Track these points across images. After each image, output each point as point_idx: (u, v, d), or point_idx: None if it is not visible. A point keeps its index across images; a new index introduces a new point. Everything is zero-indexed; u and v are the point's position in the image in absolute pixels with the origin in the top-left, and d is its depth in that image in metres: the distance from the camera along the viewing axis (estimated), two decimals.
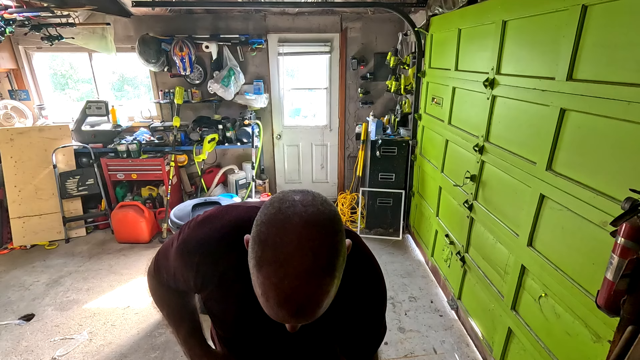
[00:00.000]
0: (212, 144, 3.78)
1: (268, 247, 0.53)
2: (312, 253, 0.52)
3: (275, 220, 0.54)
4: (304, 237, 0.52)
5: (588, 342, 1.34)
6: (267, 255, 0.53)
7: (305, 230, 0.53)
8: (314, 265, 0.52)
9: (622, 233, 0.97)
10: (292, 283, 0.51)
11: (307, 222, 0.53)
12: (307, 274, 0.51)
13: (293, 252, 0.51)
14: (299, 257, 0.51)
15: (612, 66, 1.23)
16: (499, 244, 1.95)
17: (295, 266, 0.51)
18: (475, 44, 2.21)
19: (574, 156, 1.41)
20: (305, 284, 0.52)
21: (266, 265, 0.52)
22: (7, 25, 2.87)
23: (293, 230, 0.53)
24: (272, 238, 0.53)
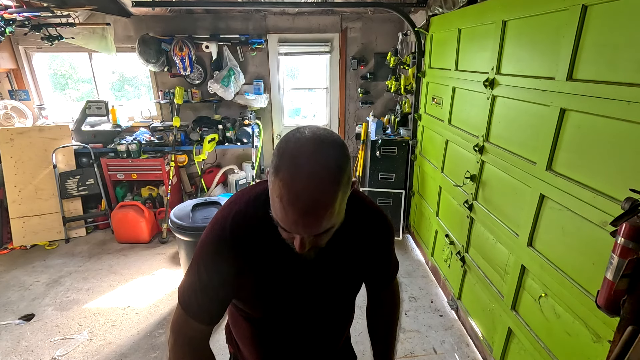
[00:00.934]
0: (212, 144, 3.78)
1: (284, 156, 0.63)
2: (321, 163, 0.62)
3: (292, 137, 0.66)
4: (315, 149, 0.63)
5: (588, 342, 1.34)
6: (283, 162, 0.63)
7: (316, 144, 0.64)
8: (322, 172, 0.62)
9: (622, 233, 0.97)
10: (302, 183, 0.61)
11: (319, 137, 0.65)
12: (315, 178, 0.61)
13: (304, 160, 0.62)
14: (309, 164, 0.62)
15: (612, 66, 1.23)
16: (499, 244, 1.95)
17: (305, 170, 0.61)
18: (475, 44, 2.21)
19: (574, 156, 1.41)
20: (313, 187, 0.61)
21: (282, 170, 0.62)
22: (7, 25, 2.87)
23: (306, 144, 0.64)
24: (289, 149, 0.64)
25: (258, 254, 0.80)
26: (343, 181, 0.64)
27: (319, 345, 0.98)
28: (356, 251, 0.88)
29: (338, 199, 0.64)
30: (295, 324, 0.92)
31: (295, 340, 0.94)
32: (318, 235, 0.69)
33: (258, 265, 0.81)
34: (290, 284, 0.85)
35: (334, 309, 0.95)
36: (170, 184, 3.73)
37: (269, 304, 0.87)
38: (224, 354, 1.79)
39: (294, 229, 0.66)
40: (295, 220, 0.64)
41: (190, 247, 2.40)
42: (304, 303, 0.88)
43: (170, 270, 3.13)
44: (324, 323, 0.95)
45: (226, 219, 0.80)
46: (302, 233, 0.67)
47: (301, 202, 0.61)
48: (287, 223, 0.65)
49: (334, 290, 0.90)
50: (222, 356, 2.33)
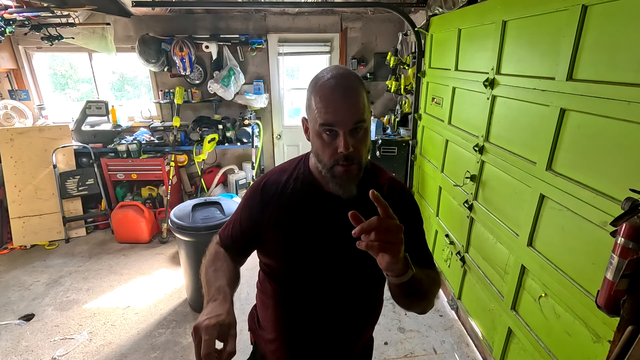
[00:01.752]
0: (212, 144, 3.78)
1: (318, 77, 0.85)
2: (343, 72, 0.84)
3: (320, 70, 0.87)
4: (339, 68, 0.85)
5: (588, 342, 1.34)
6: (319, 78, 0.84)
7: (340, 67, 0.86)
8: (347, 74, 0.84)
9: (622, 233, 0.97)
10: (336, 79, 0.82)
11: (339, 66, 0.88)
12: (344, 76, 0.83)
13: (332, 70, 0.84)
14: (339, 70, 0.84)
15: (612, 66, 1.23)
16: (499, 244, 1.95)
17: (335, 74, 0.83)
18: (475, 44, 2.21)
19: (574, 156, 1.41)
20: (345, 78, 0.82)
21: (320, 80, 0.83)
22: (7, 25, 2.87)
23: (329, 68, 0.86)
24: (319, 74, 0.86)
25: (287, 206, 0.93)
26: (363, 86, 0.84)
27: (338, 328, 0.96)
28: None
29: (363, 93, 0.83)
30: (316, 289, 0.94)
31: (315, 310, 0.95)
32: (356, 135, 0.82)
33: (286, 217, 0.92)
34: (315, 240, 0.91)
35: (356, 284, 0.95)
36: (170, 184, 3.73)
37: (292, 255, 0.93)
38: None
39: (340, 117, 0.79)
40: (338, 106, 0.79)
41: (190, 247, 2.40)
42: (326, 264, 0.92)
43: (170, 270, 3.13)
44: (350, 295, 0.95)
45: (263, 177, 1.00)
46: (347, 120, 0.80)
47: (340, 87, 0.80)
48: (332, 112, 0.79)
49: (356, 258, 0.87)
50: None
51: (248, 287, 2.78)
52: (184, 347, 2.29)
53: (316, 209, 0.92)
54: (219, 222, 2.36)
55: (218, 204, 2.56)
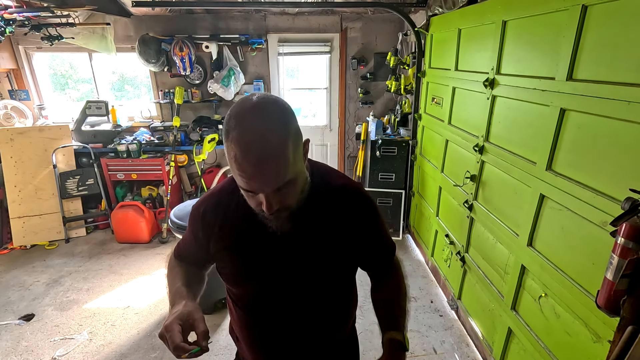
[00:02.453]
0: (212, 144, 3.78)
1: (231, 119, 0.67)
2: (264, 115, 0.66)
3: (237, 103, 0.70)
4: (257, 107, 0.67)
5: (588, 342, 1.34)
6: (231, 124, 0.66)
7: (259, 103, 0.68)
8: (267, 122, 0.66)
9: (622, 233, 0.97)
10: (250, 136, 0.64)
11: (260, 98, 0.69)
12: (262, 128, 0.65)
13: (249, 115, 0.66)
14: (254, 118, 0.66)
15: (612, 66, 1.23)
16: (499, 244, 1.95)
17: (251, 124, 0.65)
18: (475, 44, 2.21)
19: (574, 156, 1.41)
20: (261, 136, 0.65)
21: (231, 130, 0.65)
22: (7, 25, 2.87)
23: (249, 104, 0.67)
24: (235, 114, 0.67)
25: (232, 230, 0.87)
26: (291, 130, 0.68)
27: (314, 334, 0.94)
28: (334, 228, 0.86)
29: (289, 147, 0.67)
30: (283, 308, 0.90)
31: (287, 327, 0.92)
32: (281, 192, 0.70)
33: (234, 242, 0.87)
34: (269, 261, 0.86)
35: (320, 293, 0.91)
36: (170, 184, 3.73)
37: (250, 281, 0.89)
38: (226, 354, 1.80)
39: (255, 185, 0.68)
40: (252, 173, 0.66)
41: None
42: (285, 283, 0.87)
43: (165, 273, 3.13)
44: (313, 308, 0.91)
45: (202, 202, 0.92)
46: (263, 188, 0.68)
47: (253, 153, 0.64)
48: (247, 180, 0.67)
49: (315, 271, 0.87)
50: (224, 356, 2.33)
51: None
52: None
53: (260, 235, 0.83)
54: None
55: None
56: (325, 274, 0.89)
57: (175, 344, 0.70)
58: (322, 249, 0.86)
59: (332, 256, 0.88)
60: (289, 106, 0.72)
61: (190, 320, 0.75)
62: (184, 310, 0.77)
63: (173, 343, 0.70)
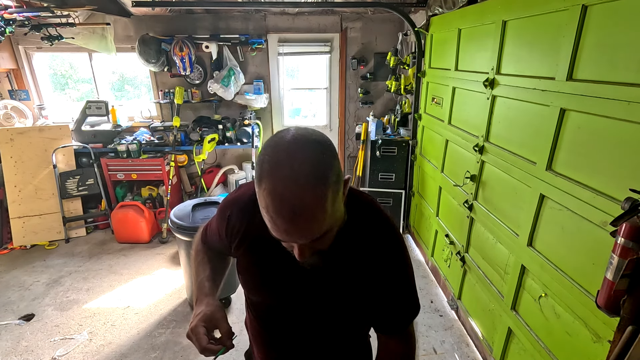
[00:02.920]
0: (212, 144, 3.78)
1: (265, 162, 0.60)
2: (301, 161, 0.58)
3: (271, 142, 0.63)
4: (293, 149, 0.59)
5: (588, 342, 1.34)
6: (264, 169, 0.59)
7: (295, 144, 0.60)
8: (304, 170, 0.57)
9: (622, 233, 0.97)
10: (284, 187, 0.57)
11: (296, 138, 0.61)
12: (298, 178, 0.57)
13: (284, 162, 0.58)
14: (289, 165, 0.58)
15: (612, 66, 1.23)
16: (499, 244, 1.95)
17: (286, 173, 0.57)
18: (475, 44, 2.21)
19: (574, 156, 1.41)
20: (296, 188, 0.57)
21: (264, 177, 0.59)
22: (7, 25, 2.87)
23: (284, 145, 0.60)
24: (268, 155, 0.60)
25: (254, 242, 0.83)
26: (330, 179, 0.60)
27: (323, 355, 0.91)
28: (361, 270, 0.78)
29: (328, 199, 0.59)
30: (295, 325, 0.88)
31: (296, 344, 0.90)
32: (316, 240, 0.63)
33: (255, 254, 0.84)
34: (288, 281, 0.82)
35: (335, 321, 0.86)
36: (170, 184, 3.73)
37: (265, 293, 0.87)
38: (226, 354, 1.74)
39: (288, 239, 0.63)
40: (285, 229, 0.60)
41: (190, 247, 2.39)
42: (301, 305, 0.84)
43: (170, 270, 3.13)
44: (325, 332, 0.87)
45: (230, 204, 0.88)
46: (297, 241, 0.64)
47: (287, 208, 0.57)
48: (279, 233, 0.62)
49: (333, 302, 0.82)
50: None
51: None
52: (184, 347, 2.29)
53: (282, 256, 0.77)
54: None
55: (218, 204, 2.56)
56: (342, 305, 0.84)
57: (202, 346, 0.74)
58: (344, 284, 0.80)
59: (352, 293, 0.82)
60: (330, 143, 0.64)
61: (214, 321, 0.80)
62: (206, 311, 0.81)
63: (200, 346, 0.75)
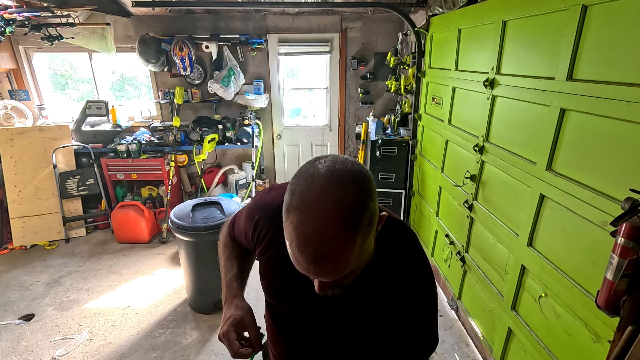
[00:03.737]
0: (212, 144, 3.78)
1: (295, 194, 0.57)
2: (333, 202, 0.54)
3: (305, 171, 0.59)
4: (327, 186, 0.56)
5: (588, 342, 1.34)
6: (293, 201, 0.57)
7: (330, 180, 0.56)
8: (334, 213, 0.54)
9: (622, 233, 0.97)
10: (311, 227, 0.54)
11: (332, 173, 0.57)
12: (327, 220, 0.54)
13: (315, 199, 0.55)
14: (320, 204, 0.54)
15: (612, 66, 1.23)
16: (499, 244, 1.95)
17: (315, 212, 0.54)
18: (475, 44, 2.21)
19: (574, 156, 1.41)
20: (324, 230, 0.54)
21: (292, 210, 0.56)
22: (7, 25, 2.87)
23: (318, 180, 0.57)
24: (300, 187, 0.57)
25: (279, 252, 0.78)
26: (362, 222, 0.56)
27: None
28: (383, 293, 0.75)
29: (357, 244, 0.56)
30: (311, 339, 0.86)
31: (311, 345, 0.88)
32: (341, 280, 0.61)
33: (278, 264, 0.81)
34: (308, 297, 0.77)
35: (352, 342, 0.83)
36: (170, 184, 3.73)
37: (284, 303, 0.87)
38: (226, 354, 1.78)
39: (308, 275, 0.60)
40: (306, 267, 0.57)
41: (190, 247, 2.39)
42: (317, 310, 0.81)
43: (170, 270, 3.13)
44: (342, 350, 0.85)
45: (261, 207, 0.86)
46: (317, 277, 0.61)
47: (311, 249, 0.55)
48: (300, 269, 0.59)
49: (352, 326, 0.80)
50: (224, 356, 2.32)
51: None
52: (184, 347, 2.29)
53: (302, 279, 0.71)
54: (219, 222, 2.36)
55: (218, 204, 2.56)
56: (360, 333, 0.81)
57: (235, 351, 0.77)
58: (365, 310, 0.78)
59: (372, 319, 0.79)
60: (367, 180, 0.59)
61: (243, 325, 0.82)
62: (236, 315, 0.83)
63: (233, 350, 0.77)
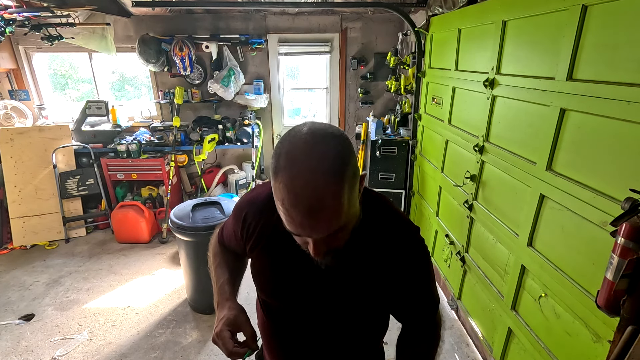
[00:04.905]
0: (212, 144, 3.78)
1: (282, 156, 0.60)
2: (318, 156, 0.59)
3: (287, 136, 0.64)
4: (310, 143, 0.60)
5: (588, 342, 1.34)
6: (280, 162, 0.60)
7: (313, 137, 0.61)
8: (321, 165, 0.58)
9: (622, 233, 0.97)
10: (301, 182, 0.57)
11: (313, 132, 0.62)
12: (315, 172, 0.57)
13: (301, 155, 0.59)
14: (307, 159, 0.58)
15: (612, 66, 1.23)
16: (499, 244, 1.95)
17: (303, 167, 0.58)
18: (475, 44, 2.21)
19: (574, 156, 1.41)
20: (313, 182, 0.57)
21: (280, 170, 0.59)
22: (7, 25, 2.87)
23: (301, 139, 0.61)
24: (285, 148, 0.61)
25: (270, 243, 0.84)
26: (347, 174, 0.60)
27: (335, 356, 0.90)
28: (379, 268, 0.79)
29: (344, 194, 0.59)
30: (308, 327, 0.88)
31: (309, 345, 0.90)
32: (331, 236, 0.64)
33: (270, 255, 0.84)
34: (302, 283, 0.82)
35: (349, 323, 0.86)
36: (170, 184, 3.73)
37: (278, 296, 0.88)
38: None
39: (303, 232, 0.63)
40: (301, 222, 0.60)
41: (190, 247, 2.39)
42: (314, 306, 0.84)
43: (170, 270, 3.13)
44: (339, 335, 0.87)
45: (247, 203, 0.89)
46: (312, 235, 0.64)
47: (304, 202, 0.58)
48: (295, 227, 0.62)
49: (349, 303, 0.83)
50: (223, 356, 2.33)
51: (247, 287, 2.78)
52: (184, 347, 2.29)
53: (298, 258, 0.78)
54: (219, 222, 2.36)
55: (218, 204, 2.56)
56: (358, 308, 0.84)
57: (229, 350, 0.76)
58: (361, 285, 0.81)
59: (370, 294, 0.82)
60: (346, 138, 0.65)
61: (237, 325, 0.81)
62: (229, 315, 0.82)
63: (227, 350, 0.76)
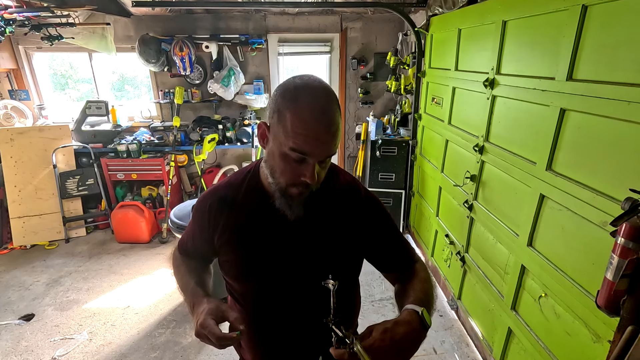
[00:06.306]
0: (212, 144, 3.78)
1: (288, 93, 0.75)
2: (327, 90, 0.76)
3: (285, 82, 0.79)
4: (309, 80, 0.77)
5: (588, 342, 1.34)
6: (290, 96, 0.74)
7: (309, 78, 0.77)
8: (330, 95, 0.76)
9: (622, 233, 0.97)
10: (321, 104, 0.74)
11: (309, 77, 0.78)
12: (328, 100, 0.75)
13: (311, 86, 0.75)
14: (317, 89, 0.75)
15: (612, 66, 1.23)
16: (499, 244, 1.95)
17: (316, 93, 0.75)
18: (475, 44, 2.21)
19: (574, 156, 1.41)
20: (329, 106, 0.74)
21: (302, 96, 0.73)
22: (7, 25, 2.87)
23: (299, 81, 0.77)
24: (290, 87, 0.76)
25: (237, 224, 0.89)
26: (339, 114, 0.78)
27: (317, 333, 0.89)
28: (343, 219, 0.90)
29: (341, 120, 0.79)
30: (286, 301, 0.91)
31: (289, 322, 0.93)
32: (323, 164, 0.78)
33: (238, 236, 0.89)
34: (275, 252, 0.88)
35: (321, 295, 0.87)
36: (170, 184, 3.73)
37: (253, 276, 0.90)
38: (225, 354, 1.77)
39: (316, 149, 0.74)
40: (320, 137, 0.73)
41: None
42: (290, 275, 0.89)
43: (170, 270, 3.13)
44: (317, 304, 0.88)
45: (210, 193, 0.94)
46: (323, 152, 0.75)
47: (325, 120, 0.72)
48: (310, 143, 0.73)
49: (322, 261, 0.89)
50: (223, 356, 2.32)
51: None
52: (184, 347, 2.29)
53: (267, 226, 0.87)
54: None
55: None
56: (332, 265, 0.88)
57: (216, 335, 0.75)
58: (330, 238, 0.89)
59: (340, 246, 0.90)
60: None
61: (220, 312, 0.80)
62: (210, 306, 0.81)
63: (214, 335, 0.75)
